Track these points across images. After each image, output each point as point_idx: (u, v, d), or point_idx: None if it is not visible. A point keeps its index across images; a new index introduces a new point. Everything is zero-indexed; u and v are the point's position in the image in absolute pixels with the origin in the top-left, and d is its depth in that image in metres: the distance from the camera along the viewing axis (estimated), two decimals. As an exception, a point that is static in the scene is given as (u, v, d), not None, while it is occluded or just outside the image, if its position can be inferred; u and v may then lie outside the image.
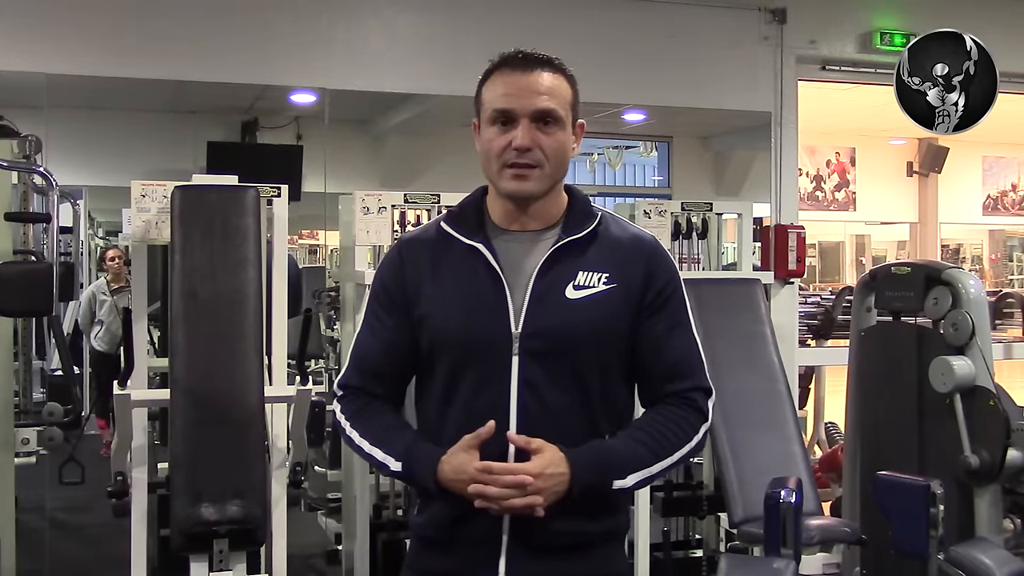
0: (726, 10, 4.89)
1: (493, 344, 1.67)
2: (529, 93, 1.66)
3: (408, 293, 1.74)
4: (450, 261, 1.72)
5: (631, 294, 1.70)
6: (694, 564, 4.29)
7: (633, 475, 1.67)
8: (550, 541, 1.67)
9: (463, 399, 1.69)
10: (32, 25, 4.05)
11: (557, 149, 1.68)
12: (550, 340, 1.66)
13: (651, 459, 1.69)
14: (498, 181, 1.70)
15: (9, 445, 4.08)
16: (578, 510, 1.67)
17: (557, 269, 1.69)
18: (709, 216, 4.57)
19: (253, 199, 3.32)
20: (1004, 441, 3.27)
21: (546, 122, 1.67)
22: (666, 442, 1.70)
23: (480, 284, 1.69)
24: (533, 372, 1.66)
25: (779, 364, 4.11)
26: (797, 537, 2.34)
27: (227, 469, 2.99)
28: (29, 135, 4.22)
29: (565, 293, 1.68)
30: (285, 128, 5.53)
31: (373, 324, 1.79)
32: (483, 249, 1.70)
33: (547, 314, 1.67)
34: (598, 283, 1.69)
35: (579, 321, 1.67)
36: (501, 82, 1.68)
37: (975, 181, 12.05)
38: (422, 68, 4.51)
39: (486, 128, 1.70)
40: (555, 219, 1.74)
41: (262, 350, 3.20)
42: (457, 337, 1.69)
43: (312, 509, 4.89)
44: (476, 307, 1.69)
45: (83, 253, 6.93)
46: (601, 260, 1.71)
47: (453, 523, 1.69)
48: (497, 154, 1.68)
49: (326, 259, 7.77)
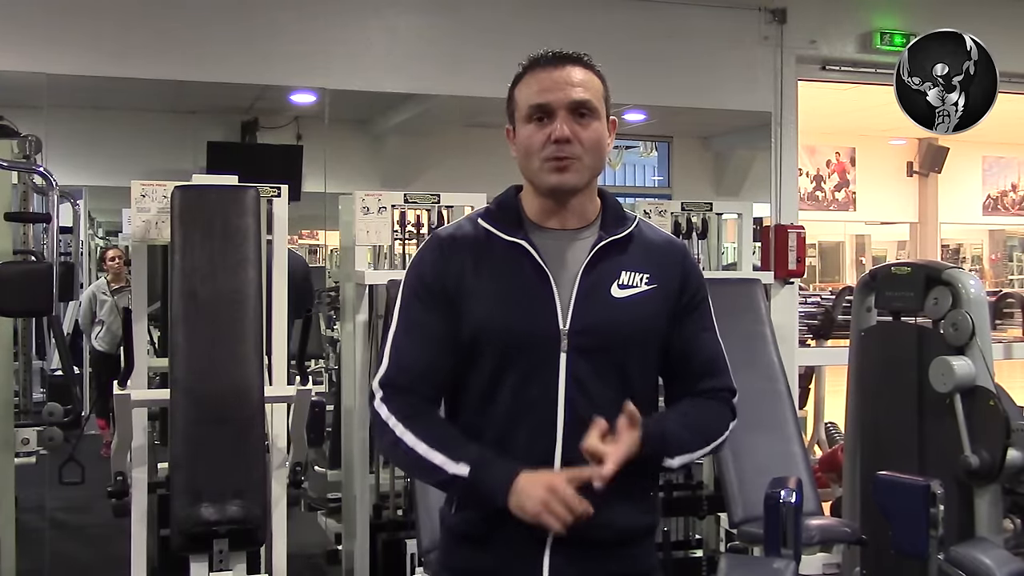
0: (726, 10, 4.89)
1: (541, 340, 1.67)
2: (563, 86, 1.69)
3: (450, 288, 1.71)
4: (492, 257, 1.71)
5: (669, 295, 1.74)
6: (694, 564, 4.29)
7: (680, 456, 1.72)
8: (594, 536, 1.67)
9: (509, 394, 1.68)
10: (32, 25, 4.05)
11: (595, 140, 1.71)
12: (598, 337, 1.68)
13: (694, 444, 1.75)
14: (539, 176, 1.70)
15: (9, 445, 4.08)
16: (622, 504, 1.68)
17: (601, 267, 1.71)
18: (709, 216, 4.57)
19: (253, 199, 3.32)
20: (1004, 441, 3.27)
21: (582, 114, 1.69)
22: (707, 430, 1.78)
23: (526, 280, 1.69)
24: (580, 368, 1.67)
25: (779, 364, 4.11)
26: (797, 537, 2.34)
27: (227, 469, 3.00)
28: (29, 135, 4.23)
29: (611, 291, 1.70)
30: (285, 128, 5.54)
31: (413, 322, 1.74)
32: (527, 246, 1.70)
33: (595, 311, 1.69)
34: (641, 283, 1.72)
35: (626, 319, 1.70)
36: (535, 80, 1.71)
37: (975, 181, 12.05)
38: (422, 68, 4.51)
39: (523, 127, 1.71)
40: (591, 218, 1.76)
41: (262, 350, 3.21)
42: (503, 333, 1.68)
43: (312, 509, 4.89)
44: (523, 303, 1.69)
45: (83, 253, 6.94)
46: (641, 261, 1.74)
47: (495, 518, 1.66)
48: (538, 149, 1.69)
49: (326, 259, 7.78)
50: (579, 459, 1.63)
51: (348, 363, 4.09)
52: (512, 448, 1.67)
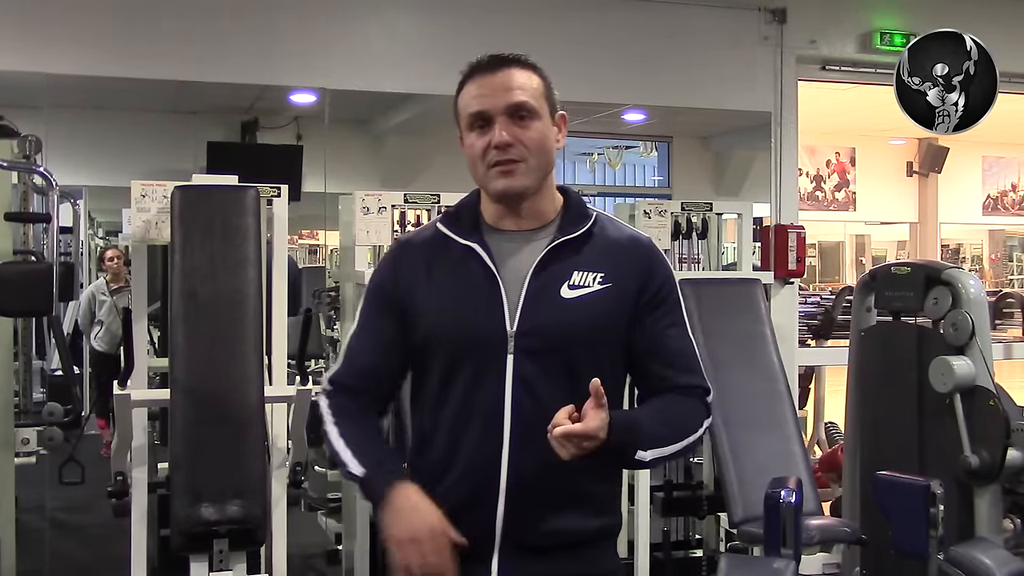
0: (726, 10, 4.89)
1: (488, 342, 1.67)
2: (499, 91, 1.68)
3: (402, 293, 1.75)
4: (446, 261, 1.74)
5: (626, 294, 1.72)
6: (694, 564, 4.29)
7: (652, 450, 1.67)
8: (542, 540, 1.68)
9: (458, 396, 1.69)
10: (32, 25, 4.05)
11: (537, 140, 1.69)
12: (545, 338, 1.67)
13: (668, 439, 1.70)
14: (487, 183, 1.71)
15: (9, 445, 4.08)
16: (571, 508, 1.68)
17: (552, 268, 1.70)
18: (709, 216, 4.57)
19: (253, 199, 3.32)
20: (1004, 441, 3.27)
21: (521, 116, 1.68)
22: (681, 426, 1.73)
23: (475, 283, 1.70)
24: (528, 370, 1.67)
25: (779, 364, 4.11)
26: (797, 537, 2.35)
27: (227, 469, 2.99)
28: (29, 135, 4.23)
29: (560, 292, 1.69)
30: (285, 128, 5.53)
31: (366, 324, 1.80)
32: (478, 248, 1.71)
33: (542, 313, 1.68)
34: (593, 283, 1.70)
35: (574, 320, 1.68)
36: (473, 87, 1.72)
37: (975, 181, 12.05)
38: (422, 68, 4.50)
39: (467, 135, 1.72)
40: (549, 218, 1.75)
41: (262, 350, 3.20)
42: (452, 335, 1.70)
43: (312, 509, 4.88)
44: (471, 305, 1.70)
45: (83, 253, 6.93)
46: (596, 260, 1.72)
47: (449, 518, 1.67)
48: (480, 156, 1.70)
49: (326, 259, 7.78)
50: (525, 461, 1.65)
51: (348, 363, 4.08)
52: (462, 449, 1.69)
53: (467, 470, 1.69)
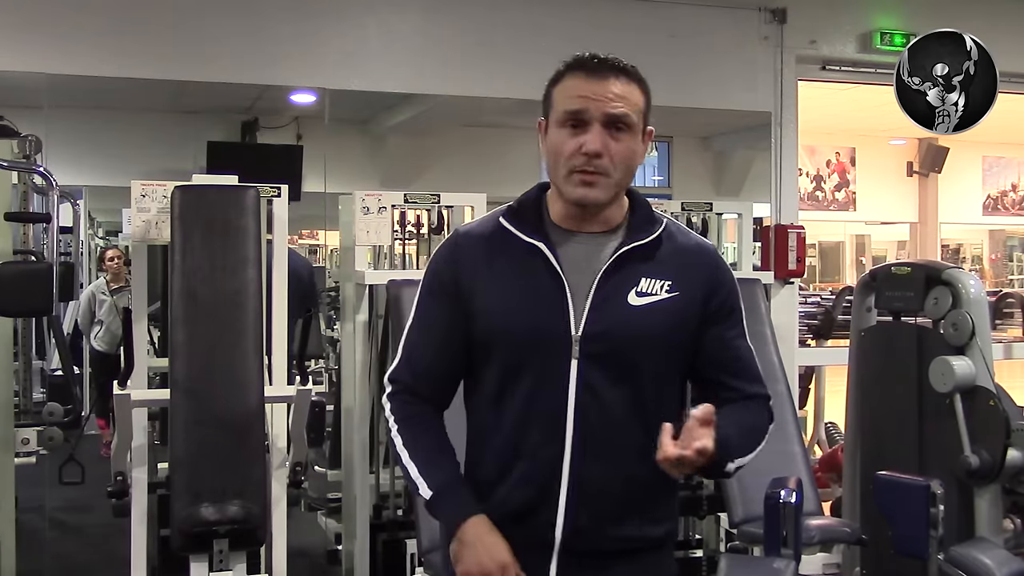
0: (726, 10, 4.89)
1: (552, 344, 1.65)
2: (602, 97, 1.63)
3: (463, 286, 1.70)
4: (509, 257, 1.69)
5: (693, 303, 1.70)
6: (694, 564, 4.28)
7: (738, 460, 1.71)
8: (602, 547, 1.67)
9: (520, 398, 1.67)
10: (32, 25, 4.05)
11: (627, 157, 1.66)
12: (610, 344, 1.65)
13: (747, 448, 1.73)
14: (564, 186, 1.67)
15: (9, 445, 4.08)
16: (632, 515, 1.68)
17: (620, 274, 1.68)
18: (709, 216, 4.57)
19: (253, 199, 3.33)
20: (1004, 441, 3.27)
21: (618, 128, 1.65)
22: (755, 434, 1.76)
23: (540, 283, 1.67)
24: (592, 375, 1.64)
25: (779, 364, 4.11)
26: (797, 537, 2.34)
27: (227, 469, 3.00)
28: (29, 135, 4.22)
29: (628, 299, 1.67)
30: (285, 128, 5.53)
31: (424, 316, 1.76)
32: (544, 248, 1.68)
33: (608, 318, 1.65)
34: (660, 291, 1.68)
35: (640, 327, 1.66)
36: (574, 84, 1.66)
37: (975, 181, 12.03)
38: (422, 68, 4.50)
39: (555, 130, 1.67)
40: (616, 223, 1.72)
41: (262, 350, 3.21)
42: (515, 335, 1.66)
43: (312, 509, 4.88)
44: (535, 306, 1.66)
45: (83, 253, 6.93)
46: (664, 267, 1.70)
47: (505, 524, 1.66)
48: (567, 157, 1.65)
49: (326, 259, 7.78)
50: (588, 466, 1.64)
51: (348, 363, 4.09)
52: (522, 452, 1.66)
53: (527, 474, 1.66)
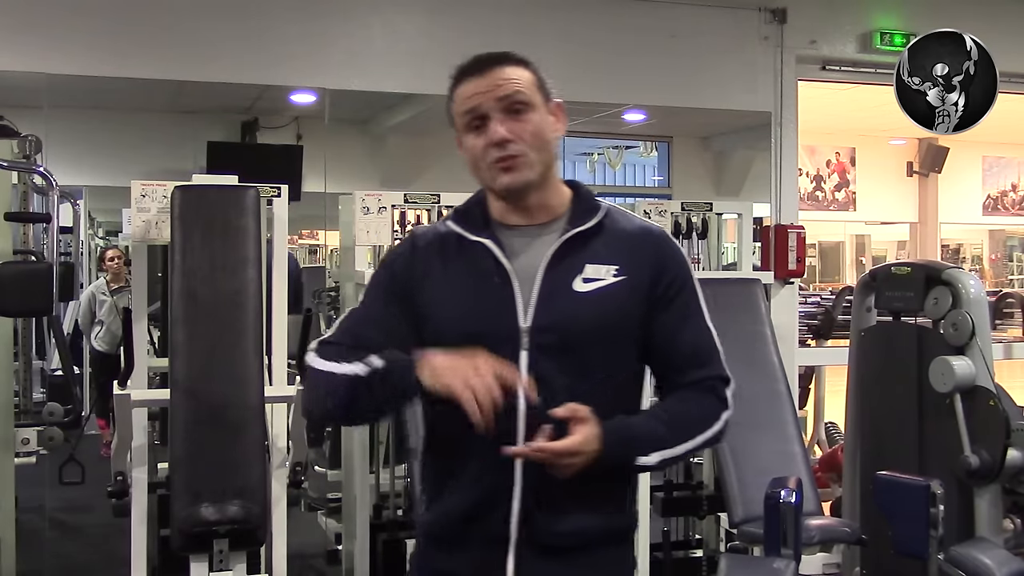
0: (726, 10, 4.89)
1: (500, 338, 1.64)
2: (491, 88, 1.66)
3: (413, 285, 1.72)
4: (458, 256, 1.72)
5: (641, 286, 1.70)
6: (694, 564, 4.29)
7: (656, 453, 1.65)
8: (558, 541, 1.66)
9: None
10: (32, 25, 4.05)
11: (535, 132, 1.67)
12: (559, 334, 1.65)
13: (675, 439, 1.67)
14: (491, 181, 1.69)
15: (9, 445, 4.08)
16: (587, 509, 1.67)
17: (565, 262, 1.68)
18: (709, 216, 4.57)
19: (253, 199, 3.33)
20: (1004, 441, 3.28)
21: (516, 110, 1.66)
22: (692, 423, 1.70)
23: (487, 278, 1.68)
24: (542, 366, 1.64)
25: (779, 364, 4.11)
26: (797, 537, 2.35)
27: (227, 469, 3.00)
28: (29, 135, 4.23)
29: (574, 286, 1.67)
30: (285, 128, 5.54)
31: (371, 305, 1.76)
32: (490, 244, 1.70)
33: (556, 308, 1.66)
34: (607, 275, 1.68)
35: (588, 315, 1.66)
36: (463, 90, 1.69)
37: (975, 181, 12.03)
38: (422, 68, 4.50)
39: (465, 137, 1.70)
40: (559, 212, 1.73)
41: (262, 350, 3.21)
42: (463, 330, 1.66)
43: (312, 509, 4.88)
44: (484, 301, 1.68)
45: (83, 253, 6.93)
46: (609, 252, 1.70)
47: (463, 520, 1.68)
48: (481, 156, 1.68)
49: (326, 259, 7.77)
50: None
51: (348, 363, 4.08)
52: (475, 448, 1.65)
53: (481, 469, 1.66)
